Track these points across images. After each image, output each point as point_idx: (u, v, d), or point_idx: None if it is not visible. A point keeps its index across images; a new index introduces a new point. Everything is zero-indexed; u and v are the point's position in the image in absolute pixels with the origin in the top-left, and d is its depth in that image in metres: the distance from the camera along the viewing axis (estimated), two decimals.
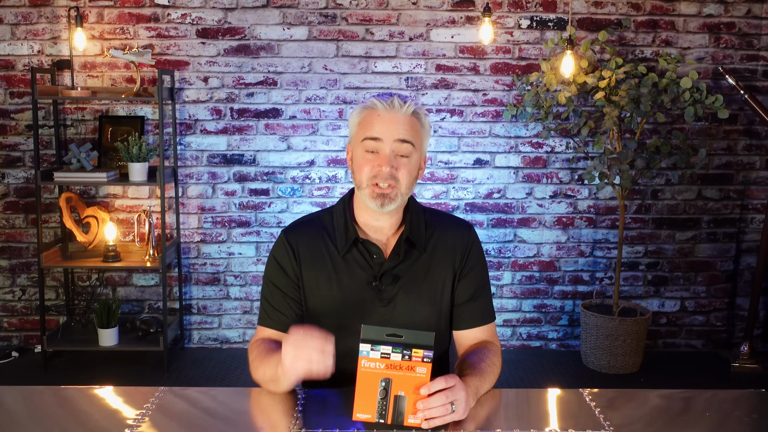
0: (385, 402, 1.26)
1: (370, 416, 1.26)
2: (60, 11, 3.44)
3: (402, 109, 1.50)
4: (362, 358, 1.25)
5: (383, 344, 1.25)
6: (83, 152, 3.37)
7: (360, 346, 1.26)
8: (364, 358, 1.25)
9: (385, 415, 1.26)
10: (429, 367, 1.25)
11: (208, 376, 3.39)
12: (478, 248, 1.62)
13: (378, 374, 1.26)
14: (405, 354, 1.25)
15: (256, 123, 3.57)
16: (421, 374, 1.26)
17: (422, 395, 1.26)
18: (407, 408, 1.26)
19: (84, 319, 3.60)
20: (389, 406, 1.26)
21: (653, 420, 1.35)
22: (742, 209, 3.73)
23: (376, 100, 1.51)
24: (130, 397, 1.43)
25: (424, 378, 1.26)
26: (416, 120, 1.52)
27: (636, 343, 3.41)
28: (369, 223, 1.56)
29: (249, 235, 3.65)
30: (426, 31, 3.52)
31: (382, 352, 1.25)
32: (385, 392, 1.26)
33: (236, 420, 1.36)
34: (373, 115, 1.50)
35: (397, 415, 1.27)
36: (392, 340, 1.25)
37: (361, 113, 1.53)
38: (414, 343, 1.25)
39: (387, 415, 1.26)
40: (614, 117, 3.20)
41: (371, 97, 1.53)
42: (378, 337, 1.25)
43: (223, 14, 3.48)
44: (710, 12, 3.54)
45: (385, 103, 1.50)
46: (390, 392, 1.26)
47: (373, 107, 1.51)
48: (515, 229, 3.69)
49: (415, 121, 1.52)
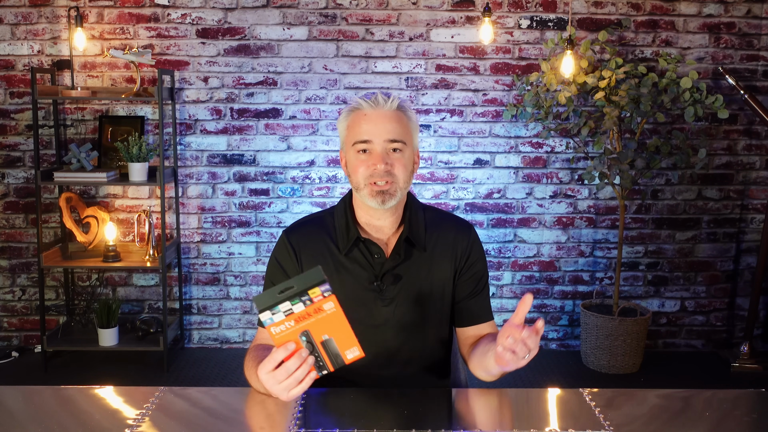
0: (316, 354, 1.22)
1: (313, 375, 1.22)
2: (60, 11, 3.44)
3: (387, 104, 1.50)
4: (270, 326, 1.20)
5: (280, 303, 1.19)
6: (83, 152, 3.37)
7: (260, 318, 1.20)
8: (272, 326, 1.19)
9: (324, 365, 1.22)
10: (333, 298, 1.19)
11: (208, 376, 3.39)
12: (479, 247, 1.63)
13: (294, 333, 1.20)
14: (304, 300, 1.19)
15: (256, 123, 3.57)
16: (331, 310, 1.19)
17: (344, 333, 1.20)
18: (339, 346, 1.21)
19: (84, 319, 3.60)
20: (322, 355, 1.22)
21: (653, 420, 1.35)
22: (742, 209, 3.73)
23: (361, 100, 1.52)
24: (130, 397, 1.43)
25: (336, 311, 1.19)
26: (403, 114, 1.52)
27: (636, 343, 3.41)
28: (370, 222, 1.56)
29: (249, 235, 3.65)
30: (426, 31, 3.52)
31: (284, 310, 1.19)
32: (311, 345, 1.21)
33: (236, 420, 1.36)
34: (360, 116, 1.51)
35: (334, 358, 1.22)
36: (286, 295, 1.19)
37: (348, 116, 1.54)
38: (308, 286, 1.19)
39: (325, 364, 1.22)
40: (614, 117, 3.20)
41: (356, 98, 1.53)
42: (271, 300, 1.19)
43: (223, 14, 3.48)
44: (710, 12, 3.54)
45: (369, 101, 1.50)
46: (315, 342, 1.21)
47: (358, 108, 1.52)
48: (515, 229, 3.69)
49: (401, 116, 1.52)
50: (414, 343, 1.57)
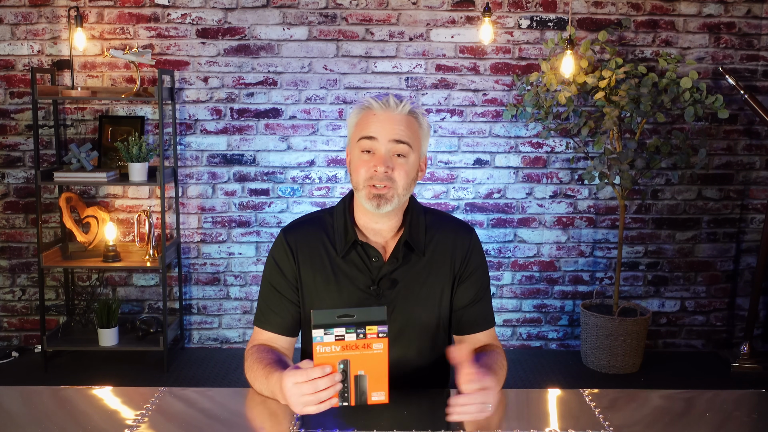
0: (346, 384, 1.24)
1: (334, 401, 1.24)
2: (60, 11, 3.44)
3: (398, 108, 1.48)
4: (317, 344, 1.22)
5: (336, 327, 1.22)
6: (83, 152, 3.37)
7: (312, 333, 1.22)
8: (318, 344, 1.22)
9: (347, 397, 1.24)
10: (385, 341, 1.23)
11: (208, 376, 3.39)
12: (479, 252, 1.59)
13: (335, 357, 1.23)
14: (359, 333, 1.22)
15: (256, 123, 3.57)
16: (378, 350, 1.23)
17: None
18: (369, 386, 1.24)
19: (84, 319, 3.60)
20: (351, 388, 1.24)
21: (653, 420, 1.35)
22: (742, 209, 3.73)
23: (372, 99, 1.49)
24: (129, 397, 1.43)
25: (381, 354, 1.23)
26: (414, 120, 1.50)
27: (636, 343, 3.41)
28: (368, 225, 1.54)
29: (249, 235, 3.65)
30: (426, 31, 3.52)
31: (336, 334, 1.22)
32: (344, 374, 1.24)
33: (236, 420, 1.36)
34: (369, 115, 1.48)
35: (360, 395, 1.24)
36: (344, 321, 1.22)
37: (358, 114, 1.51)
38: (367, 321, 1.22)
39: (350, 396, 1.24)
40: (614, 117, 3.20)
41: (367, 97, 1.51)
42: (329, 320, 1.22)
43: (223, 14, 3.48)
44: (710, 12, 3.54)
45: (380, 102, 1.48)
46: (350, 373, 1.24)
47: (369, 107, 1.49)
48: (515, 229, 3.69)
49: (412, 121, 1.49)
50: (409, 348, 1.53)
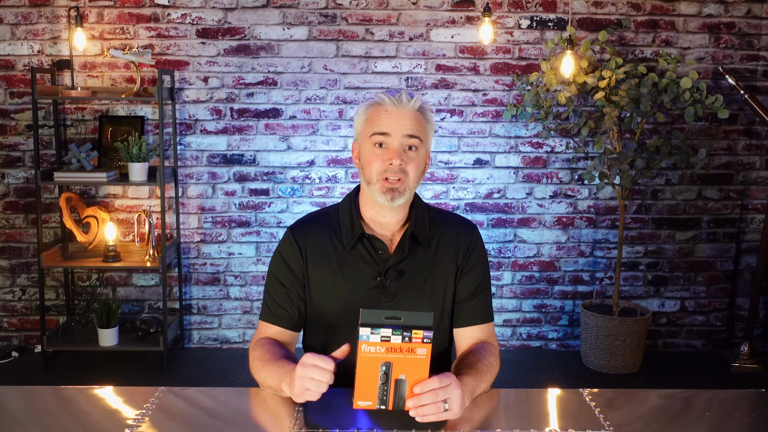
0: (386, 387, 1.23)
1: (371, 403, 1.23)
2: (60, 11, 3.44)
3: (409, 104, 1.53)
4: (362, 342, 1.21)
5: (383, 327, 1.21)
6: (83, 152, 3.37)
7: (359, 331, 1.21)
8: (364, 343, 1.21)
9: (386, 401, 1.23)
10: (429, 347, 1.22)
11: (208, 376, 3.39)
12: (481, 247, 1.64)
13: (378, 359, 1.22)
14: (405, 336, 1.21)
15: (256, 123, 3.57)
16: (421, 356, 1.22)
17: (421, 381, 1.23)
18: (408, 392, 1.23)
19: (84, 319, 3.60)
20: (390, 391, 1.23)
21: (653, 420, 1.35)
22: (742, 209, 3.73)
23: (384, 95, 1.53)
24: (130, 397, 1.43)
25: (424, 359, 1.22)
26: (422, 115, 1.55)
27: (636, 343, 3.41)
28: (375, 219, 1.58)
29: (249, 235, 3.65)
30: (426, 31, 3.52)
31: (382, 335, 1.21)
32: (386, 377, 1.22)
33: (236, 420, 1.36)
34: (381, 111, 1.52)
35: (398, 400, 1.23)
36: (392, 323, 1.22)
37: (368, 109, 1.55)
38: (413, 325, 1.22)
39: (388, 400, 1.23)
40: (614, 117, 3.20)
41: (378, 94, 1.55)
42: (377, 320, 1.22)
43: (223, 14, 3.48)
44: (710, 12, 3.54)
45: (393, 98, 1.52)
46: (391, 377, 1.22)
47: (381, 103, 1.53)
48: (515, 229, 3.69)
49: (420, 117, 1.54)
50: None
